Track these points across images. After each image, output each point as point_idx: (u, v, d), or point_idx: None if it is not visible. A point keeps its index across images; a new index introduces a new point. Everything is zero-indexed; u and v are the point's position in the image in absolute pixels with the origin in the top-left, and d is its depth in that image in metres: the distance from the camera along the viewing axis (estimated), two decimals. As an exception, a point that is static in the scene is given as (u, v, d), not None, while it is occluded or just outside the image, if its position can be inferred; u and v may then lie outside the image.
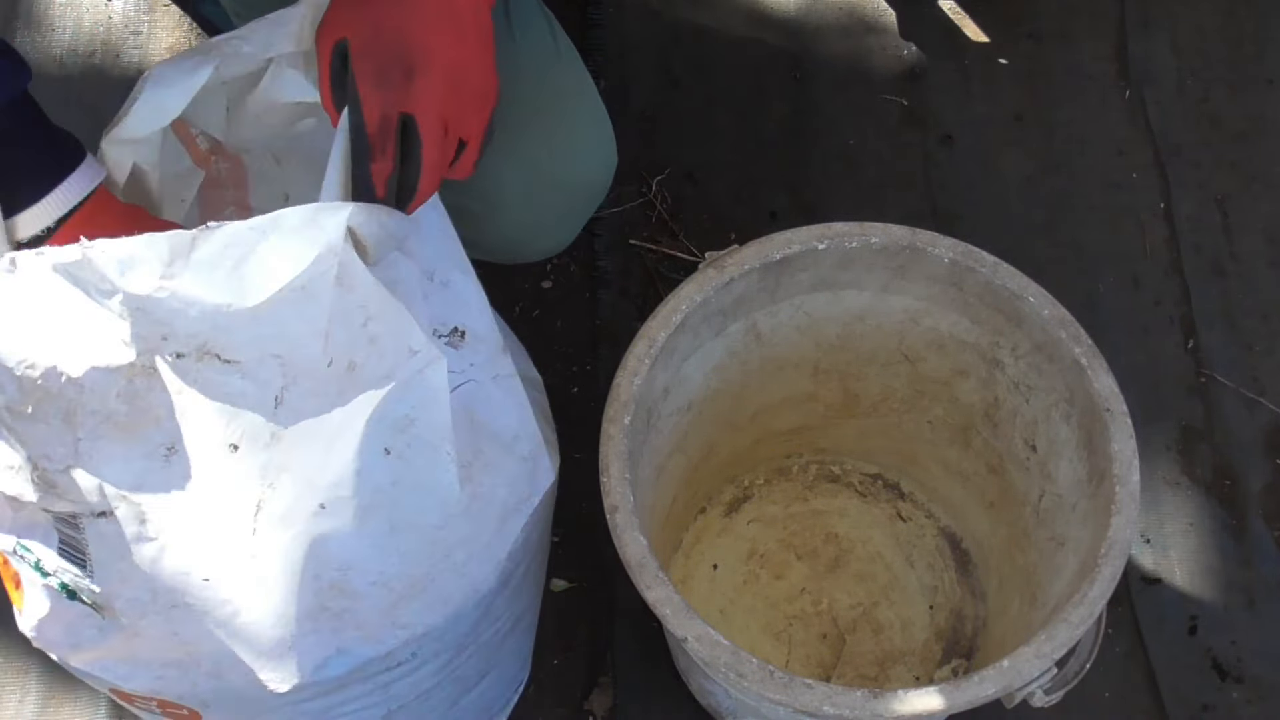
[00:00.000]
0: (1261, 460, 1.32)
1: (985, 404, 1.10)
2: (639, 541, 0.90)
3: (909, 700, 0.86)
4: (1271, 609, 1.26)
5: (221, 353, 0.77)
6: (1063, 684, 0.92)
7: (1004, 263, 1.00)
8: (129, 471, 0.78)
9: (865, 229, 1.00)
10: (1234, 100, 1.49)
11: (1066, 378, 0.99)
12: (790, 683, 0.86)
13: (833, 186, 1.44)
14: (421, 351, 0.80)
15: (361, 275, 0.78)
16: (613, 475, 0.92)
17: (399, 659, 0.87)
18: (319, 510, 0.80)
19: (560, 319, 1.36)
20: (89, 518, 0.78)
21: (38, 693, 1.21)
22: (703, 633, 0.88)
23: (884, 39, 1.52)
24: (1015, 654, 0.88)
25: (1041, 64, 1.51)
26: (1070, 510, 1.01)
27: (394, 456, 0.81)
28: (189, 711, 0.87)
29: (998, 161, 1.46)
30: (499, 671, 1.05)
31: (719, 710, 1.13)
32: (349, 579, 0.83)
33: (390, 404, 0.80)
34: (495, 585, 0.90)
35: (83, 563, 0.80)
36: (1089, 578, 0.90)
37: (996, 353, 1.05)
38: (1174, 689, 1.22)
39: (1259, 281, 1.40)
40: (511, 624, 1.00)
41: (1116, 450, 0.94)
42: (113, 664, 0.84)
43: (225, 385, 0.77)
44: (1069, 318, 0.98)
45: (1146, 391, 1.34)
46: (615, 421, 0.94)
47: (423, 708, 0.96)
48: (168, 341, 0.75)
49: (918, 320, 1.07)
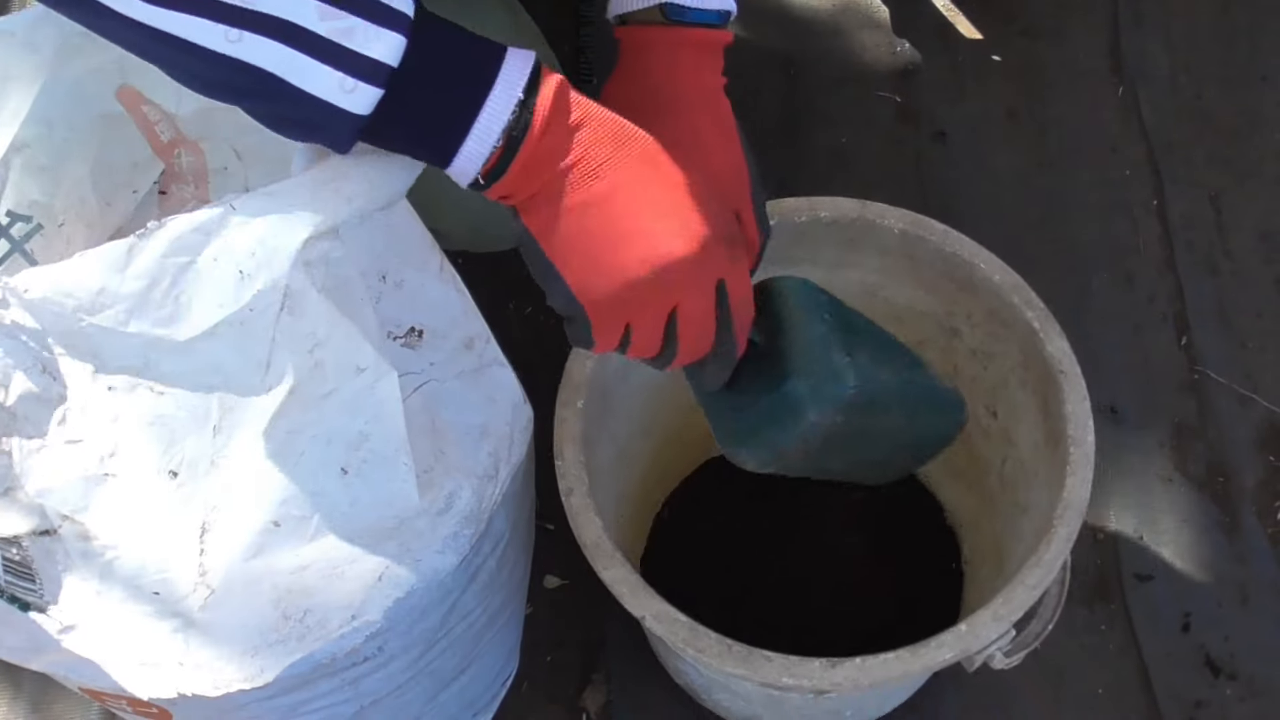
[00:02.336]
0: (1255, 457, 1.32)
1: (945, 373, 1.10)
2: (594, 522, 0.91)
3: (867, 668, 0.86)
4: (1265, 605, 1.25)
5: (154, 384, 0.75)
6: (1023, 646, 0.92)
7: (954, 230, 1.00)
8: (69, 492, 0.77)
9: (814, 204, 1.01)
10: (1227, 97, 1.49)
11: (1021, 342, 1.00)
12: (749, 655, 0.86)
13: (826, 183, 1.44)
14: (370, 368, 0.79)
15: (313, 300, 0.75)
16: (567, 459, 0.93)
17: (365, 654, 0.87)
18: (272, 528, 0.80)
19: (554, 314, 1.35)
20: (31, 536, 0.77)
21: (30, 692, 1.20)
22: (660, 610, 0.88)
23: (877, 36, 1.52)
24: (972, 618, 0.88)
25: (1035, 61, 1.51)
26: (1032, 475, 1.01)
27: (351, 475, 0.81)
28: (159, 710, 0.87)
29: (991, 158, 1.46)
30: (481, 666, 1.05)
31: (694, 688, 1.13)
32: (305, 579, 0.82)
33: (341, 422, 0.79)
34: (461, 579, 0.90)
35: (31, 577, 0.79)
36: (1045, 538, 0.90)
37: (953, 321, 1.06)
38: (1167, 686, 1.22)
39: (1252, 278, 1.40)
40: (488, 618, 0.99)
41: (1070, 411, 0.94)
42: (77, 664, 0.83)
43: (159, 414, 0.76)
44: (1021, 283, 0.99)
45: (1139, 388, 1.34)
46: (568, 405, 0.94)
47: (397, 703, 0.95)
48: (97, 374, 0.74)
49: (874, 293, 1.08)
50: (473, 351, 0.90)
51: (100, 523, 0.78)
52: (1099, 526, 1.28)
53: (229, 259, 0.73)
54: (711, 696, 1.11)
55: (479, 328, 0.91)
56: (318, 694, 0.88)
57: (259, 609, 0.82)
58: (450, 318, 0.89)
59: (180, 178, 1.00)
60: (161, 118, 0.97)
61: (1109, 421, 1.32)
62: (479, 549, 0.90)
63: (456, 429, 0.89)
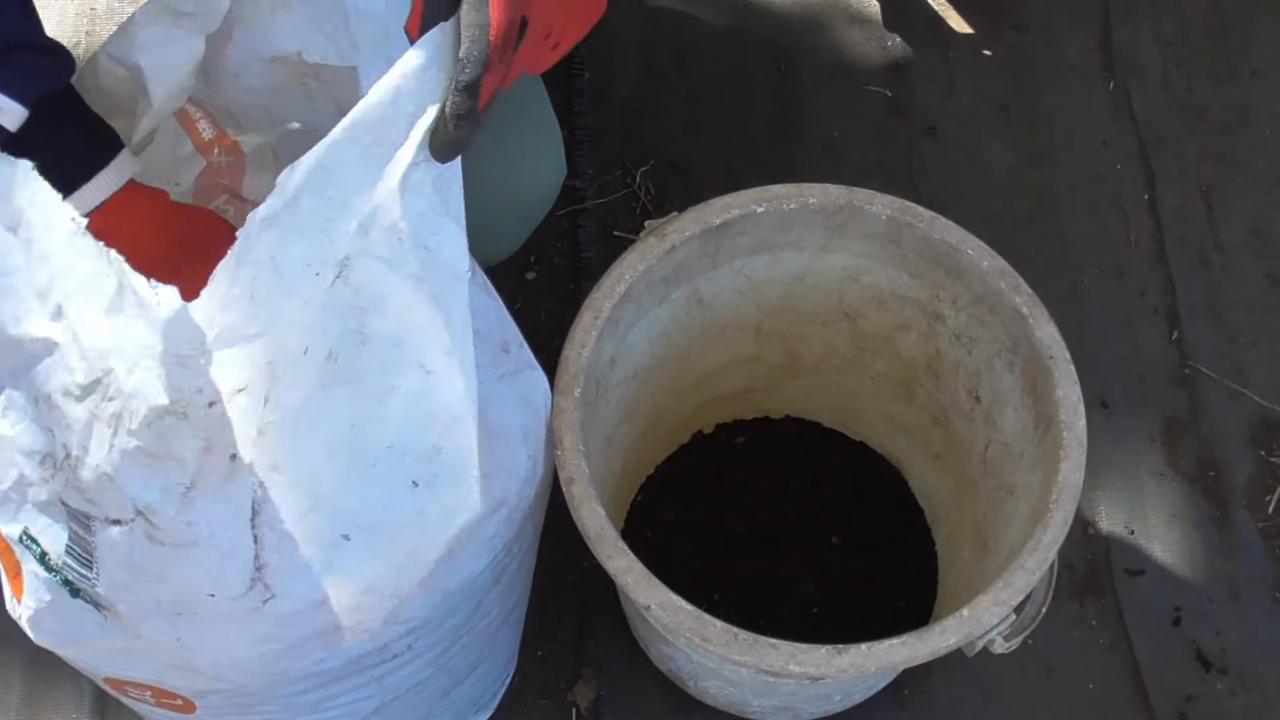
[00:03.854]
0: (1246, 451, 1.31)
1: (927, 357, 1.11)
2: (597, 512, 0.90)
3: (873, 654, 0.87)
4: (1255, 600, 1.25)
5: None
6: (1020, 630, 0.93)
7: (941, 217, 1.00)
8: (148, 494, 0.75)
9: (803, 190, 1.01)
10: (1219, 91, 1.49)
11: (1008, 327, 1.00)
12: (754, 643, 0.86)
13: (817, 178, 1.41)
14: (439, 371, 0.78)
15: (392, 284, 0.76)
16: (566, 448, 0.92)
17: (395, 651, 0.87)
18: (342, 541, 0.79)
19: (544, 311, 1.36)
20: (102, 522, 0.76)
21: (21, 684, 1.20)
22: (666, 599, 0.88)
23: (868, 30, 1.52)
24: (974, 603, 0.89)
25: (1026, 55, 1.51)
26: (1018, 458, 1.01)
27: (422, 487, 0.80)
28: (183, 701, 0.87)
29: (982, 153, 1.46)
30: (489, 664, 1.05)
31: (680, 675, 1.13)
32: (366, 599, 0.81)
33: (414, 434, 0.79)
34: (490, 578, 0.90)
35: (89, 563, 0.78)
36: (1041, 523, 0.91)
37: (937, 306, 1.06)
38: (1158, 680, 1.22)
39: (1243, 273, 1.40)
40: (504, 617, 1.00)
41: (1062, 396, 0.94)
42: (110, 657, 0.83)
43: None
44: (1008, 268, 0.99)
45: (1131, 383, 1.34)
46: (566, 394, 0.94)
47: (415, 699, 0.96)
48: (201, 393, 0.73)
49: (857, 278, 1.08)
50: (509, 355, 0.91)
51: (170, 528, 0.76)
52: (1090, 521, 1.28)
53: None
54: (699, 684, 1.11)
55: (513, 332, 0.92)
56: (345, 689, 0.89)
57: (317, 619, 0.81)
58: (489, 322, 0.89)
59: (218, 172, 1.01)
60: (203, 115, 0.98)
61: (1100, 415, 1.32)
62: (510, 549, 0.90)
63: (501, 432, 0.89)
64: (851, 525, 1.24)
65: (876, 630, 0.93)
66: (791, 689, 1.03)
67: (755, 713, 1.13)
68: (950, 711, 1.20)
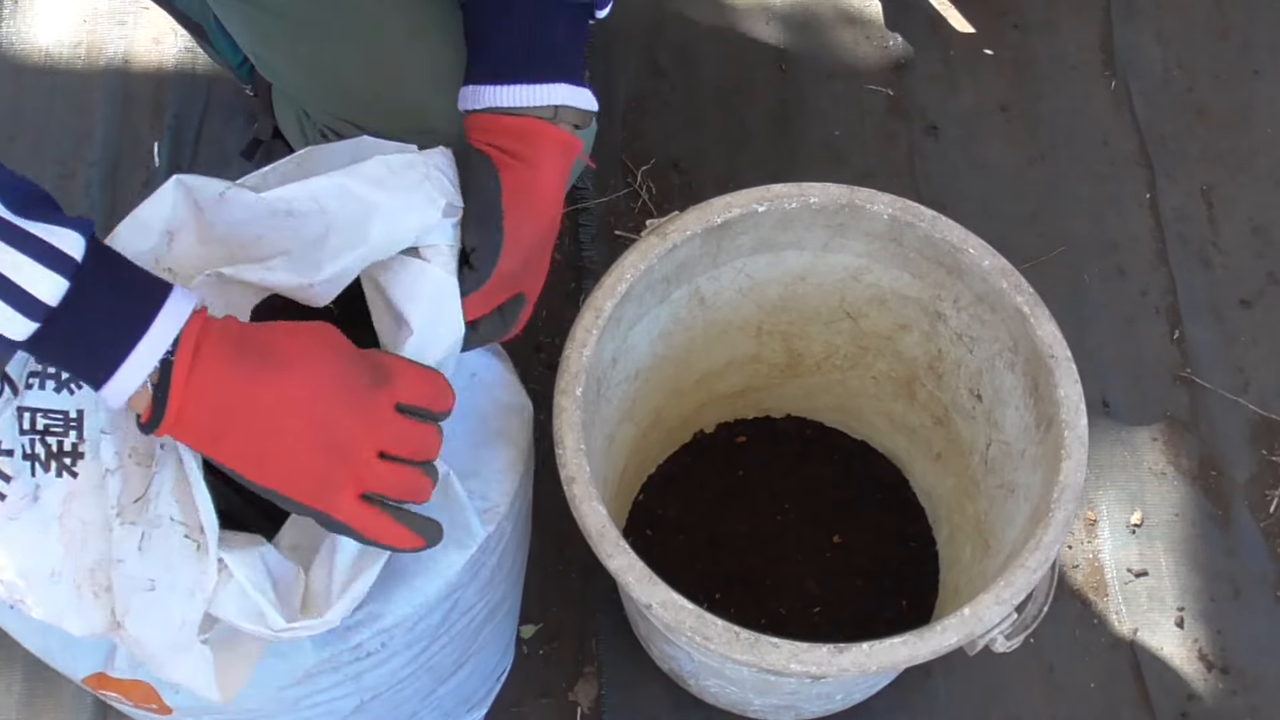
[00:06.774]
0: (1247, 450, 1.31)
1: (929, 357, 1.11)
2: (598, 511, 0.90)
3: (874, 653, 0.87)
4: (1257, 599, 1.25)
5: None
6: (1022, 629, 0.92)
7: (943, 216, 1.00)
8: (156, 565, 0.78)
9: (804, 189, 1.01)
10: (1219, 91, 1.49)
11: (1009, 327, 1.00)
12: (756, 642, 0.86)
13: (818, 177, 1.41)
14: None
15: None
16: (568, 447, 0.92)
17: (368, 649, 0.87)
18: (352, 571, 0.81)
19: (545, 309, 1.36)
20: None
21: (22, 687, 1.20)
22: (667, 598, 0.88)
23: (869, 30, 1.52)
24: (975, 601, 0.88)
25: (1027, 54, 1.51)
26: (1019, 457, 1.01)
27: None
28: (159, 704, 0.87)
29: (983, 152, 1.46)
30: (477, 661, 1.05)
31: (681, 674, 1.13)
32: (359, 615, 0.85)
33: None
34: (465, 576, 0.90)
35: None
36: (1043, 522, 0.90)
37: (938, 305, 1.06)
38: (1160, 679, 1.22)
39: (1244, 272, 1.40)
40: (487, 613, 0.99)
41: (1063, 395, 0.94)
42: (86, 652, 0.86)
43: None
44: (1009, 267, 0.99)
45: (1131, 382, 1.34)
46: (567, 393, 0.94)
47: (397, 698, 0.95)
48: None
49: (859, 277, 1.08)
50: (489, 354, 0.92)
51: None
52: (1091, 520, 1.28)
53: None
54: (700, 683, 1.11)
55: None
56: (319, 688, 0.88)
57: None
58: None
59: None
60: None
61: (1101, 415, 1.32)
62: (485, 546, 0.90)
63: (484, 430, 0.90)
64: (853, 524, 1.24)
65: (878, 629, 0.93)
66: (793, 688, 1.03)
67: (756, 712, 1.13)
68: (951, 711, 1.20)
